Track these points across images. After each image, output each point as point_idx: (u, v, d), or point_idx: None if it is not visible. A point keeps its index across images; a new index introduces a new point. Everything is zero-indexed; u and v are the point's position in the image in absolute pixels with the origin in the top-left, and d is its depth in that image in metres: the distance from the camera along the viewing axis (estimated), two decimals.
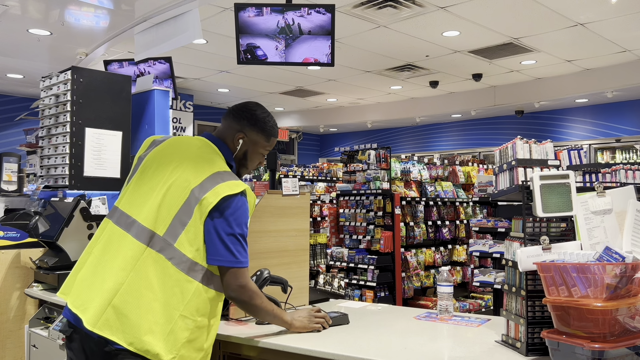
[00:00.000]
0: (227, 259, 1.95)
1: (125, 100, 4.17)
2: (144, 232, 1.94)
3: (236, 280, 1.98)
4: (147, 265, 1.90)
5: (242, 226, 1.99)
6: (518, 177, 2.16)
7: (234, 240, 1.96)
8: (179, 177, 1.99)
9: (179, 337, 1.87)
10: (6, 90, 10.00)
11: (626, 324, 1.60)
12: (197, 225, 1.93)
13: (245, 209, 2.01)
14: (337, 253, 6.35)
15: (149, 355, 1.83)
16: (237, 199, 1.98)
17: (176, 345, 1.86)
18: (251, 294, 2.03)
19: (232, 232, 1.95)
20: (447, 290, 2.46)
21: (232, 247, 1.95)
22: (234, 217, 1.96)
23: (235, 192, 1.97)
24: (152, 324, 1.85)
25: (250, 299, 2.03)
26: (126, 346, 1.83)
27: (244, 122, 2.18)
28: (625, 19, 6.50)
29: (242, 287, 1.99)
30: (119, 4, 5.54)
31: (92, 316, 1.87)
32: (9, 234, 3.46)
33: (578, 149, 5.79)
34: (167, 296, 1.88)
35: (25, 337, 3.19)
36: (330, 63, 4.65)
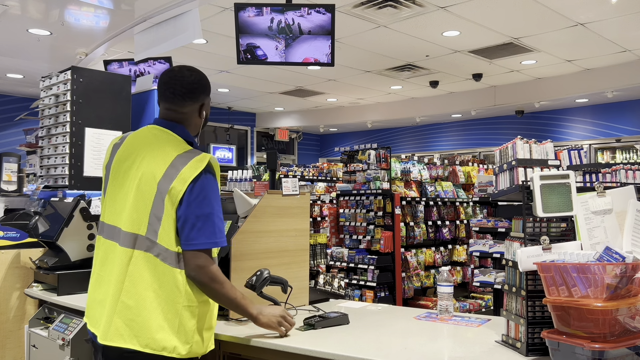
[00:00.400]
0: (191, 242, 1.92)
1: (125, 100, 4.17)
2: (128, 236, 1.97)
3: (195, 260, 1.92)
4: (139, 267, 1.93)
5: (211, 204, 1.95)
6: (518, 177, 2.16)
7: (203, 220, 1.93)
8: (144, 173, 1.99)
9: (188, 327, 1.91)
10: (6, 90, 10.00)
11: (626, 324, 1.60)
12: (171, 216, 1.93)
13: (211, 184, 1.97)
14: (337, 253, 6.35)
15: (166, 352, 1.87)
16: (203, 177, 1.95)
17: (188, 335, 1.91)
18: (212, 276, 1.94)
19: (200, 214, 1.93)
20: (447, 290, 2.46)
21: (199, 228, 1.92)
22: (201, 197, 1.94)
23: (200, 170, 1.95)
24: (161, 321, 1.89)
25: (210, 282, 1.93)
26: (142, 349, 1.87)
27: (201, 96, 2.14)
28: (625, 19, 6.50)
29: (201, 267, 1.92)
30: (119, 4, 5.54)
31: (103, 330, 1.93)
32: (9, 234, 3.45)
33: (578, 149, 5.78)
34: (167, 292, 1.90)
35: (25, 337, 3.18)
36: (330, 63, 4.65)
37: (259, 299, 2.43)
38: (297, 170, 8.57)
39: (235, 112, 13.09)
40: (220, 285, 1.96)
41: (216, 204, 1.97)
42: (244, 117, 13.43)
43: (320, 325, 2.30)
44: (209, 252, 1.96)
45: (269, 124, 13.76)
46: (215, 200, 1.97)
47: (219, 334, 2.24)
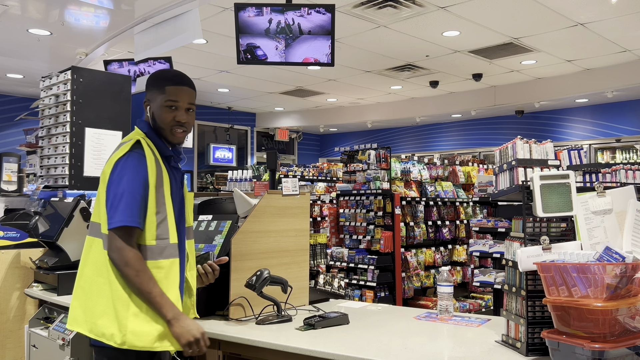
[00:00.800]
0: (109, 222, 1.93)
1: (125, 100, 4.17)
2: (93, 227, 2.06)
3: (113, 240, 1.90)
4: (94, 253, 2.01)
5: (128, 183, 1.93)
6: (518, 177, 2.16)
7: (118, 199, 1.93)
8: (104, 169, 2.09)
9: (121, 315, 1.90)
10: (6, 90, 10.00)
11: (626, 324, 1.60)
12: (102, 200, 2.00)
13: (132, 163, 1.97)
14: (337, 253, 6.35)
15: (104, 339, 1.91)
16: (123, 159, 1.98)
17: (122, 323, 1.90)
18: (126, 260, 1.88)
19: (115, 193, 1.94)
20: (447, 290, 2.46)
21: (115, 207, 1.92)
22: (118, 177, 1.95)
23: (122, 154, 1.99)
24: (105, 307, 1.93)
25: (124, 265, 1.88)
26: (88, 334, 1.94)
27: (146, 90, 2.18)
28: (625, 19, 6.50)
29: (118, 249, 1.89)
30: (119, 4, 5.54)
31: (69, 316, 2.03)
32: (9, 234, 3.45)
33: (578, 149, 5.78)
34: (105, 277, 1.96)
35: (25, 337, 3.19)
36: (330, 63, 4.65)
37: (259, 299, 2.43)
38: (297, 170, 8.57)
39: (235, 112, 13.09)
40: (135, 273, 1.89)
41: (132, 184, 1.94)
42: (244, 117, 13.43)
43: (320, 325, 2.30)
44: (126, 233, 1.91)
45: (269, 124, 13.76)
46: (135, 179, 1.95)
47: (218, 334, 2.24)
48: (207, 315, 2.47)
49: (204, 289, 2.37)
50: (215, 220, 2.72)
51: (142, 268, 1.92)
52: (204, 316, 2.44)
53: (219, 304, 2.48)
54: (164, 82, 2.13)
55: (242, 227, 2.50)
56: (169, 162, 2.13)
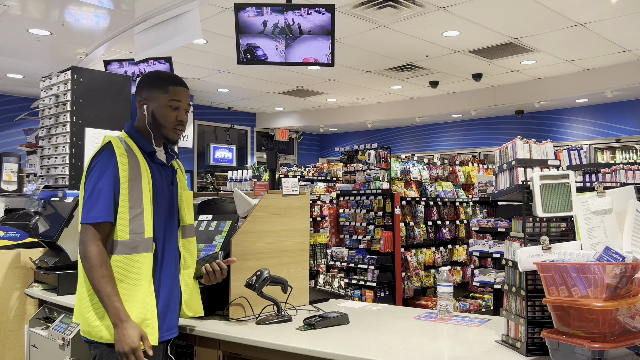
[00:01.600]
0: (81, 217, 2.00)
1: (125, 100, 4.17)
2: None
3: (81, 234, 1.98)
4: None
5: (96, 179, 1.99)
6: (518, 177, 2.16)
7: (87, 195, 2.02)
8: None
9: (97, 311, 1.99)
10: (6, 90, 10.00)
11: (626, 324, 1.60)
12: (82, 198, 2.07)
13: (103, 161, 2.02)
14: (337, 253, 6.35)
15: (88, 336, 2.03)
16: (95, 158, 2.05)
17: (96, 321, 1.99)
18: (84, 254, 1.94)
19: (85, 190, 2.03)
20: (447, 290, 2.46)
21: (84, 202, 2.01)
22: (89, 175, 2.04)
23: (94, 154, 2.06)
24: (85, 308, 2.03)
25: (83, 258, 1.95)
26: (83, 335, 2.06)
27: (140, 90, 2.20)
28: (625, 19, 6.50)
29: (81, 242, 1.97)
30: (119, 4, 5.54)
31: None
32: (9, 234, 3.45)
33: (578, 149, 5.78)
34: (81, 275, 2.05)
35: (25, 337, 3.19)
36: (330, 63, 4.65)
37: (259, 299, 2.43)
38: (297, 170, 8.57)
39: (235, 112, 13.09)
40: (89, 267, 1.95)
41: (102, 180, 1.99)
42: (244, 117, 13.43)
43: (320, 325, 2.30)
44: (92, 228, 1.96)
45: (269, 124, 13.76)
46: (103, 175, 1.99)
47: (218, 334, 2.24)
48: (207, 315, 2.47)
49: (204, 288, 2.38)
50: (215, 220, 2.73)
51: (97, 264, 1.94)
52: (203, 316, 2.44)
53: (219, 304, 2.49)
54: (167, 82, 2.17)
55: (242, 227, 2.50)
56: (152, 158, 2.16)
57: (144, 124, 2.17)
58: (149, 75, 2.24)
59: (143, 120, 2.18)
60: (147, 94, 2.17)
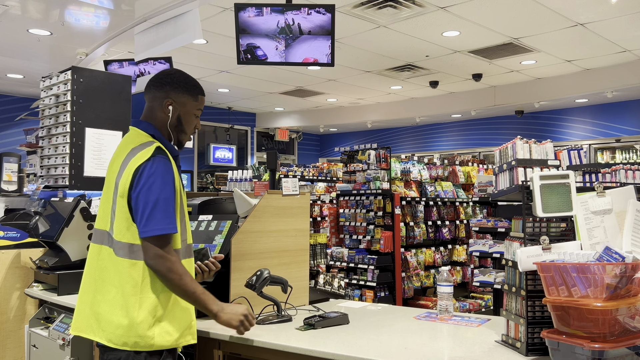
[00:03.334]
0: (144, 230, 1.93)
1: (125, 100, 4.17)
2: (98, 234, 2.07)
3: (152, 248, 1.92)
4: (105, 263, 2.00)
5: (159, 190, 1.93)
6: (518, 177, 2.16)
7: (151, 207, 1.92)
8: (109, 173, 2.09)
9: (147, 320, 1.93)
10: (6, 90, 10.00)
11: (626, 324, 1.60)
12: (123, 208, 1.97)
13: (159, 170, 1.96)
14: (337, 253, 6.35)
15: (127, 347, 1.92)
16: (148, 165, 1.96)
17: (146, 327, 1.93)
18: (170, 266, 1.92)
19: (147, 201, 1.93)
20: (447, 290, 2.46)
21: (148, 215, 1.92)
22: (148, 184, 1.94)
23: (145, 159, 1.96)
24: (120, 317, 1.93)
25: (168, 272, 1.92)
26: (107, 343, 1.94)
27: (166, 87, 2.12)
28: (625, 19, 6.50)
29: (159, 256, 1.92)
30: (119, 4, 5.54)
31: (77, 322, 2.05)
32: (9, 234, 3.45)
33: (578, 149, 5.77)
34: (124, 284, 1.95)
35: (25, 337, 3.19)
36: (330, 63, 4.65)
37: (259, 299, 2.43)
38: (297, 170, 8.57)
39: (235, 112, 13.09)
40: (178, 277, 1.94)
41: (164, 191, 1.95)
42: (244, 117, 13.43)
43: (320, 325, 2.30)
44: (165, 240, 1.94)
45: (269, 124, 13.76)
46: (164, 186, 1.95)
47: (218, 334, 2.24)
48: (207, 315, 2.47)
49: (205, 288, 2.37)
50: (215, 220, 2.73)
51: (184, 271, 1.98)
52: (204, 316, 2.44)
53: None
54: (197, 90, 2.19)
55: (242, 227, 2.50)
56: (177, 162, 2.16)
57: (165, 125, 2.12)
58: (178, 77, 2.16)
59: (164, 121, 2.12)
60: (175, 95, 2.12)
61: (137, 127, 2.13)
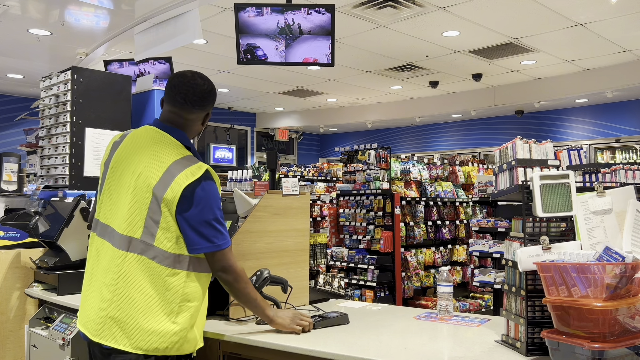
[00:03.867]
0: (204, 246, 1.99)
1: (125, 100, 4.17)
2: (122, 239, 1.99)
3: (219, 262, 2.03)
4: (132, 269, 1.95)
5: (213, 210, 2.00)
6: (518, 177, 2.16)
7: (208, 226, 1.99)
8: (140, 177, 2.00)
9: (183, 326, 1.97)
10: (6, 90, 10.00)
11: (626, 324, 1.60)
12: (169, 220, 1.96)
13: (211, 192, 2.01)
14: (337, 253, 6.35)
15: (159, 352, 1.93)
16: (201, 185, 1.98)
17: (181, 334, 1.96)
18: (235, 276, 2.07)
19: (203, 220, 1.98)
20: (447, 290, 2.46)
21: (206, 234, 1.98)
22: (202, 205, 1.97)
23: (195, 178, 1.97)
24: (154, 323, 1.92)
25: (235, 281, 2.07)
26: (134, 351, 1.91)
27: (209, 105, 2.18)
28: (625, 19, 6.50)
29: (225, 268, 2.05)
30: (119, 4, 5.54)
31: (95, 329, 1.97)
32: (9, 234, 3.45)
33: (578, 149, 5.77)
34: (160, 293, 1.94)
35: (25, 337, 3.19)
36: (330, 63, 4.65)
37: None
38: (297, 170, 8.57)
39: (235, 112, 13.09)
40: (244, 285, 2.10)
41: (217, 210, 2.03)
42: (244, 117, 13.43)
43: (320, 325, 2.30)
44: (230, 252, 2.06)
45: (269, 124, 13.76)
46: (217, 206, 2.03)
47: (218, 334, 2.24)
48: (207, 315, 2.47)
49: None
50: None
51: (248, 280, 2.13)
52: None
53: (219, 304, 2.48)
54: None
55: (242, 227, 2.50)
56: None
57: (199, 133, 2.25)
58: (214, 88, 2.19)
59: (197, 134, 2.24)
60: (211, 107, 2.22)
61: (168, 134, 2.10)
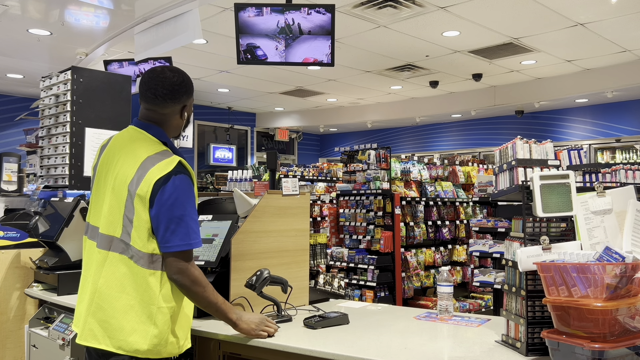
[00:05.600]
0: (167, 245, 1.92)
1: (125, 100, 4.17)
2: (104, 239, 2.00)
3: (176, 262, 1.93)
4: (114, 269, 1.96)
5: (183, 206, 1.93)
6: (518, 177, 2.16)
7: (175, 223, 1.92)
8: (117, 176, 2.01)
9: (162, 328, 1.93)
10: (6, 90, 10.00)
11: (626, 324, 1.60)
12: (142, 217, 1.93)
13: (183, 187, 1.95)
14: (337, 253, 6.35)
15: (139, 354, 1.91)
16: (172, 179, 1.93)
17: (162, 336, 1.93)
18: (193, 279, 1.95)
19: (172, 216, 1.92)
20: (447, 290, 2.46)
21: (172, 230, 1.92)
22: (171, 200, 1.92)
23: (166, 172, 1.93)
24: (134, 324, 1.91)
25: (192, 285, 1.95)
26: (115, 350, 1.91)
27: (183, 97, 2.11)
28: (625, 19, 6.50)
29: (182, 271, 1.93)
30: (119, 4, 5.54)
31: (80, 330, 2.00)
32: (9, 234, 3.45)
33: (578, 149, 5.77)
34: (140, 293, 1.93)
35: (25, 337, 3.19)
36: (330, 63, 4.65)
37: (259, 299, 2.43)
38: (297, 170, 8.57)
39: (235, 112, 13.09)
40: (203, 289, 1.98)
41: (189, 206, 1.96)
42: (244, 117, 13.43)
43: (320, 325, 2.30)
44: (188, 254, 1.96)
45: (269, 124, 13.76)
46: (188, 201, 1.96)
47: (218, 334, 2.24)
48: (207, 315, 2.47)
49: None
50: (215, 220, 2.73)
51: (207, 283, 2.00)
52: (204, 316, 2.44)
53: None
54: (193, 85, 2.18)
55: (242, 227, 2.50)
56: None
57: (179, 129, 2.16)
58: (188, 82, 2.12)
59: (180, 125, 2.15)
60: (188, 99, 2.13)
61: (145, 131, 2.08)
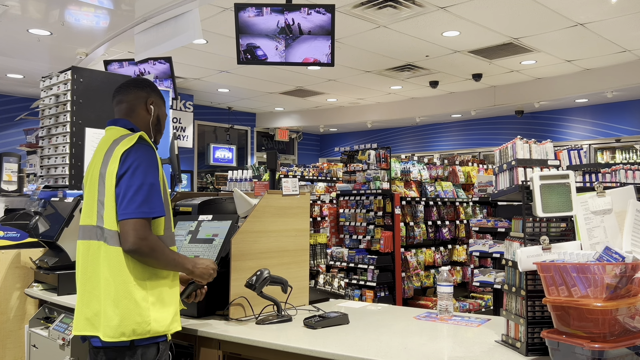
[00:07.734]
0: (124, 212, 1.94)
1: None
2: (84, 230, 2.09)
3: (133, 231, 1.93)
4: (94, 256, 2.03)
5: (144, 174, 1.98)
6: (518, 177, 2.16)
7: (134, 191, 1.95)
8: (92, 170, 2.12)
9: (142, 306, 1.96)
10: (6, 90, 10.00)
11: (626, 324, 1.60)
12: (111, 195, 1.99)
13: (144, 156, 2.01)
14: (337, 253, 6.35)
15: (124, 337, 1.94)
16: (133, 150, 2.00)
17: (143, 314, 1.96)
18: (152, 246, 1.97)
19: (130, 184, 1.96)
20: (447, 290, 2.46)
21: (130, 198, 1.95)
22: (132, 168, 1.97)
23: (130, 145, 2.01)
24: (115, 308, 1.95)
25: (152, 251, 1.97)
26: (103, 337, 1.96)
27: (147, 89, 2.25)
28: (625, 19, 6.50)
29: (141, 239, 1.94)
30: (119, 4, 5.54)
31: (77, 322, 2.06)
32: (9, 234, 3.45)
33: (578, 149, 5.77)
34: (115, 274, 1.97)
35: (25, 337, 3.19)
36: (330, 63, 4.65)
37: (259, 299, 2.43)
38: (297, 170, 8.57)
39: (235, 112, 13.09)
40: (161, 252, 2.00)
41: (150, 175, 1.99)
42: (244, 117, 13.43)
43: (320, 325, 2.30)
44: (147, 223, 1.97)
45: (269, 124, 13.76)
46: (149, 170, 2.00)
47: (218, 334, 2.24)
48: (207, 315, 2.48)
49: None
50: (215, 220, 2.73)
51: (162, 246, 2.02)
52: (204, 316, 2.45)
53: (219, 304, 2.49)
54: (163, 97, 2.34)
55: (242, 227, 2.50)
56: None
57: (148, 124, 2.23)
58: (152, 82, 2.33)
59: (147, 119, 2.23)
60: (155, 97, 2.26)
61: (114, 125, 2.20)
